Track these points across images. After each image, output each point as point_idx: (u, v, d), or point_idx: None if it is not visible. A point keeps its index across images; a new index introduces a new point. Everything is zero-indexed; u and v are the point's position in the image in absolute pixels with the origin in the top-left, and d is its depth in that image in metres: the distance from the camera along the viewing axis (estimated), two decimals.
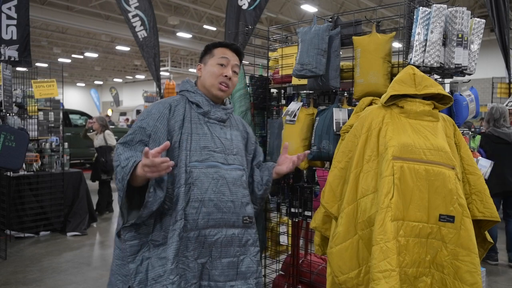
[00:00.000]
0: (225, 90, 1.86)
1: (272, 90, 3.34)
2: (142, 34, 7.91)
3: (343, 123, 2.42)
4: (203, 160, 1.74)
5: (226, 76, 1.85)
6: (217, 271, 1.72)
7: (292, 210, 2.88)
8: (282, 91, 3.29)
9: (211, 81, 1.85)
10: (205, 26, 17.60)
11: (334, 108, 2.52)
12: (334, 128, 2.47)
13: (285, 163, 2.07)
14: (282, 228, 3.17)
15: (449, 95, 1.94)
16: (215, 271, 1.72)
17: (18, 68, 6.05)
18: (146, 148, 1.49)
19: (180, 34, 18.33)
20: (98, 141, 6.80)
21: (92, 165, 7.33)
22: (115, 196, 7.13)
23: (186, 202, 1.69)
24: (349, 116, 2.46)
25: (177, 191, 1.70)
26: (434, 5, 2.29)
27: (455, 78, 2.63)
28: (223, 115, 1.88)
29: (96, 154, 6.81)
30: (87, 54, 23.18)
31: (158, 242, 1.68)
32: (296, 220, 2.96)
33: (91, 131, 7.15)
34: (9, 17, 6.04)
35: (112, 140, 6.85)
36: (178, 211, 1.66)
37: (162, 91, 8.58)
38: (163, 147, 1.52)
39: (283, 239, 3.13)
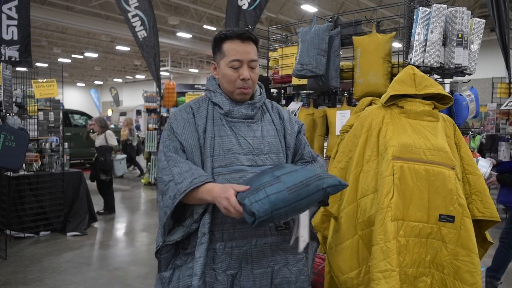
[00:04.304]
0: (246, 92, 1.67)
1: (272, 90, 3.34)
2: (142, 34, 7.91)
3: None
4: (227, 164, 1.60)
5: (243, 79, 1.64)
6: (249, 282, 1.60)
7: None
8: (282, 91, 3.29)
9: (230, 88, 1.67)
10: (205, 26, 17.59)
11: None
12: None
13: None
14: None
15: (449, 95, 1.94)
16: (246, 283, 1.60)
17: (18, 68, 6.05)
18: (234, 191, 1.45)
19: (180, 34, 18.32)
20: (99, 141, 6.82)
21: (91, 165, 7.33)
22: (116, 196, 7.13)
23: (211, 213, 1.58)
24: None
25: None
26: (434, 5, 2.29)
27: (455, 78, 2.63)
28: (248, 111, 1.68)
29: (96, 154, 6.82)
30: (87, 54, 23.18)
31: (187, 251, 1.63)
32: None
33: (92, 133, 7.16)
34: (9, 18, 6.04)
35: (112, 140, 6.84)
36: (206, 224, 1.56)
37: (162, 91, 8.57)
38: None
39: None
